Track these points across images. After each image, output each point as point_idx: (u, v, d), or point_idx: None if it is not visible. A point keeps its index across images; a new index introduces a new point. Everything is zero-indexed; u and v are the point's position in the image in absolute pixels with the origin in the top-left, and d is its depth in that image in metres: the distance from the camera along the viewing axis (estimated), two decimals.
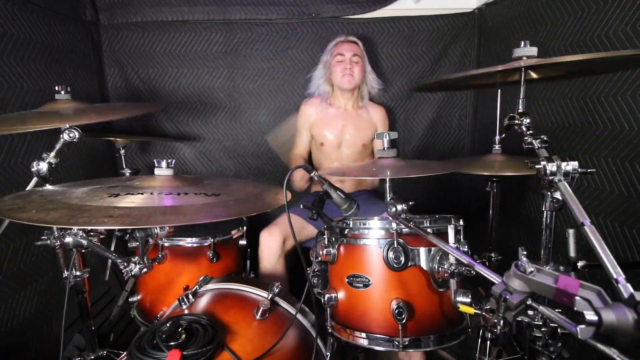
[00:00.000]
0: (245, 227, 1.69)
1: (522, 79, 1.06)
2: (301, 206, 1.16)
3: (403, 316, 1.02)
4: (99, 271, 1.95)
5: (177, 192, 0.95)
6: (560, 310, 0.62)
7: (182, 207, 0.86)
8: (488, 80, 1.35)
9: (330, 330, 1.17)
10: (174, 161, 1.07)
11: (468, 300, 1.02)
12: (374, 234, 1.13)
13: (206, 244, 1.51)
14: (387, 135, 1.21)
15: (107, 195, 0.89)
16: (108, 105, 1.98)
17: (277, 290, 1.09)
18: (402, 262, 1.05)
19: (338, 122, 2.03)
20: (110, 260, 1.89)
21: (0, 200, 0.90)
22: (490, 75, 1.25)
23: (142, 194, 0.91)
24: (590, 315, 0.51)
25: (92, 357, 1.22)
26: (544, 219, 0.91)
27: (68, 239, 1.06)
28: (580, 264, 0.96)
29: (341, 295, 1.16)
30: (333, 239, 1.18)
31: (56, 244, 1.08)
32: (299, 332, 1.06)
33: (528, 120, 0.96)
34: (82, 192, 0.94)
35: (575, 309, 0.53)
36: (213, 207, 0.91)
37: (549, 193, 0.87)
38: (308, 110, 2.09)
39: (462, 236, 1.13)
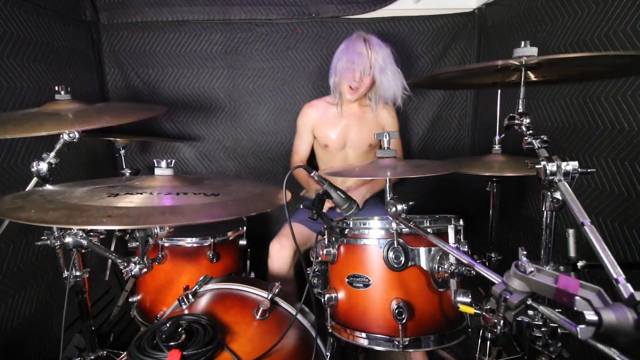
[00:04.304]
0: (245, 227, 1.69)
1: (522, 78, 1.06)
2: (301, 206, 1.16)
3: (403, 316, 1.02)
4: (99, 271, 1.96)
5: (177, 192, 0.95)
6: (560, 310, 0.62)
7: (181, 207, 0.86)
8: (488, 79, 1.34)
9: (330, 330, 1.17)
10: (174, 161, 1.07)
11: (468, 300, 1.02)
12: (374, 234, 1.13)
13: (206, 244, 1.51)
14: (387, 135, 1.22)
15: (107, 195, 0.89)
16: (108, 106, 1.95)
17: (277, 291, 1.09)
18: (402, 262, 1.06)
19: (341, 120, 1.98)
20: (110, 260, 1.89)
21: (0, 200, 0.90)
22: (490, 75, 1.25)
23: (141, 193, 0.92)
24: (591, 315, 0.51)
25: (92, 357, 1.22)
26: (544, 219, 0.91)
27: (68, 239, 1.06)
28: (580, 264, 0.96)
29: (341, 295, 1.16)
30: (333, 239, 1.19)
31: (56, 244, 1.08)
32: (299, 332, 1.06)
33: (528, 120, 0.96)
34: (82, 192, 0.94)
35: (575, 309, 0.53)
36: (212, 207, 0.91)
37: (549, 193, 0.87)
38: (310, 113, 2.04)
39: (462, 236, 1.14)
